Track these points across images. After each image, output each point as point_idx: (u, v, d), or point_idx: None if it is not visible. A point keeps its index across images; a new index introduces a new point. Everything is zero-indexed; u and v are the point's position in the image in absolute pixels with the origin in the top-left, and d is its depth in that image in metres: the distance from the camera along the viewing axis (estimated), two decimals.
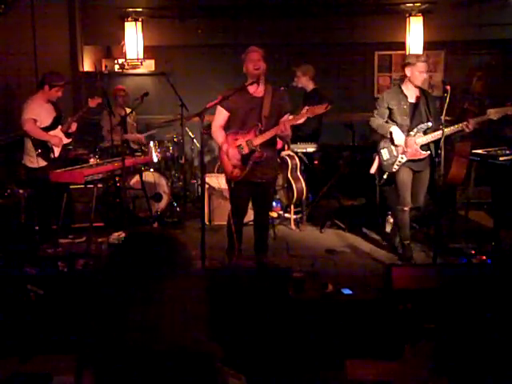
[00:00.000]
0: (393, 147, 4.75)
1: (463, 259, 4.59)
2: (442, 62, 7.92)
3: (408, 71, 4.67)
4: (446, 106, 4.35)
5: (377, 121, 4.80)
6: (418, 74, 4.63)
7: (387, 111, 4.77)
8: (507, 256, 4.68)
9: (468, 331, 3.02)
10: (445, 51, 7.84)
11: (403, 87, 4.76)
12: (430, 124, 4.63)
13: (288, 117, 4.47)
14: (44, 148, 5.31)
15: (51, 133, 5.38)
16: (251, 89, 4.35)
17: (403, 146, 4.68)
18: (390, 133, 4.71)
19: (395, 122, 4.74)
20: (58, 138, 5.38)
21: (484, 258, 4.53)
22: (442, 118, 4.35)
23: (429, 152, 4.67)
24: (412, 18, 7.53)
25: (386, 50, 8.03)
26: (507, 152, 4.99)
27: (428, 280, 3.54)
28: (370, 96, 8.10)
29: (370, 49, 8.01)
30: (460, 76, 7.29)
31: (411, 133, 4.66)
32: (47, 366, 2.43)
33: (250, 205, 4.72)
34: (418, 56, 4.77)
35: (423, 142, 4.63)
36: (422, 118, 4.67)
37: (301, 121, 4.44)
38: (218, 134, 4.46)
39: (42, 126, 5.33)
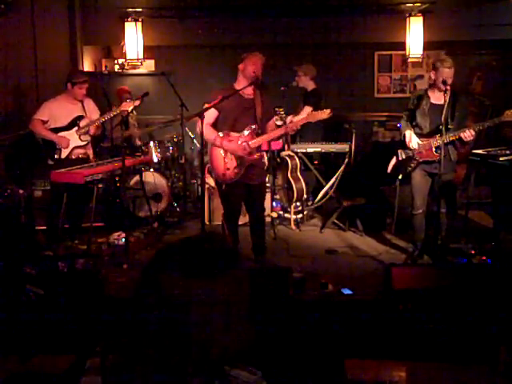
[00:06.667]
0: (409, 148, 4.71)
1: (463, 259, 4.59)
2: None
3: (432, 74, 4.60)
4: (446, 105, 4.35)
5: (403, 121, 4.80)
6: (440, 80, 4.46)
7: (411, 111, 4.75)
8: (507, 257, 4.67)
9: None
10: (445, 51, 7.83)
11: (429, 88, 4.70)
12: (449, 127, 4.49)
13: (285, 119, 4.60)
14: (49, 147, 5.27)
15: (63, 133, 5.25)
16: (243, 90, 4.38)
17: (417, 148, 4.64)
18: (404, 136, 4.71)
19: (415, 121, 4.69)
20: (65, 140, 5.24)
21: (484, 257, 4.53)
22: (442, 117, 4.34)
23: (443, 154, 4.42)
24: (412, 18, 7.51)
25: (386, 50, 8.03)
26: (507, 152, 4.99)
27: (428, 280, 3.54)
28: (370, 96, 8.11)
29: (370, 49, 8.01)
30: (460, 76, 7.28)
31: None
32: (47, 366, 2.43)
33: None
34: (443, 61, 4.58)
35: (438, 144, 4.49)
36: (443, 120, 4.42)
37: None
38: (208, 131, 4.37)
39: (56, 126, 5.24)
